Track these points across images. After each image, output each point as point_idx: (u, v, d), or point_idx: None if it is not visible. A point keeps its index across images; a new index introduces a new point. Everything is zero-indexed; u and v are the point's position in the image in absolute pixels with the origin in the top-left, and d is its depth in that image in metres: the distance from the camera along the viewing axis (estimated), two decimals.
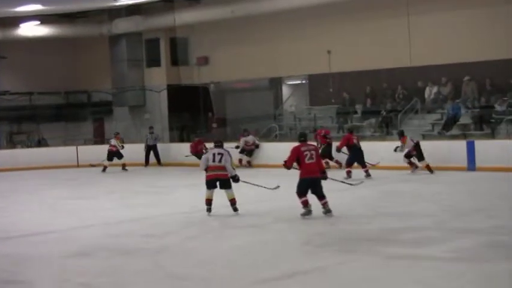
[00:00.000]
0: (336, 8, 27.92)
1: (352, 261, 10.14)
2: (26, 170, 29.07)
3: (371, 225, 12.99)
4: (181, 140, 32.21)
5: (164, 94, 33.78)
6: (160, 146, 29.96)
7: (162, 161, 29.70)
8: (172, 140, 32.42)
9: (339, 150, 22.74)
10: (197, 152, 26.29)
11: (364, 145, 22.51)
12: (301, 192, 13.85)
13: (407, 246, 10.99)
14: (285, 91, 33.31)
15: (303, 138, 14.17)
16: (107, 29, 34.11)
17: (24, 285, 9.80)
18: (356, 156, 21.65)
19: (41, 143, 35.51)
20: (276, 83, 32.77)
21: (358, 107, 28.89)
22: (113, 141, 27.74)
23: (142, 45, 34.76)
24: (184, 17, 31.56)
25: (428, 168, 21.77)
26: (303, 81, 32.02)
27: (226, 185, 14.83)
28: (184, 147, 28.12)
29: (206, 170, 15.00)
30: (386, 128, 27.17)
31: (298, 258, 10.56)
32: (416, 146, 21.96)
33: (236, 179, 14.98)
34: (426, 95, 27.06)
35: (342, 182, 17.13)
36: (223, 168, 14.81)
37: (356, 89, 28.74)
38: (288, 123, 31.24)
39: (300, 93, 32.21)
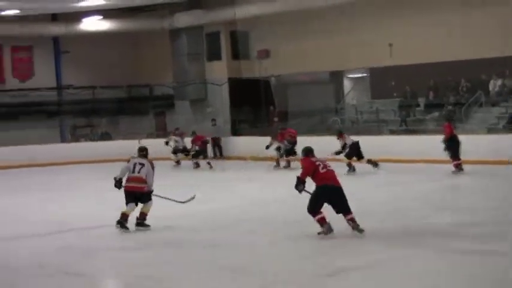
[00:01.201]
0: (397, 0, 27.64)
1: (415, 256, 10.02)
2: (89, 164, 29.35)
3: (432, 220, 12.83)
4: (243, 134, 32.15)
5: (225, 88, 33.80)
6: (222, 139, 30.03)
7: (223, 154, 29.76)
8: (233, 134, 32.39)
9: (447, 140, 20.55)
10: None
11: (428, 139, 22.23)
12: (317, 206, 11.68)
13: (472, 241, 10.82)
14: (347, 84, 33.10)
15: (311, 153, 12.31)
16: (168, 23, 34.27)
17: (85, 277, 9.90)
18: (455, 147, 20.45)
19: (103, 137, 35.89)
20: (337, 76, 32.57)
21: (421, 100, 28.53)
22: (175, 138, 27.71)
23: (203, 39, 34.82)
24: (245, 10, 31.51)
25: (371, 162, 21.78)
26: (365, 75, 31.76)
27: (143, 199, 13.36)
28: (245, 141, 28.10)
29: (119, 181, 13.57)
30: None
31: (363, 252, 10.50)
32: (354, 145, 21.92)
33: (150, 193, 13.53)
34: (490, 88, 26.61)
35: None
36: (142, 180, 13.37)
37: (418, 82, 28.37)
38: (349, 117, 31.01)
39: (362, 87, 31.98)
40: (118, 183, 13.56)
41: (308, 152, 12.31)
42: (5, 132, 33.07)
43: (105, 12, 33.44)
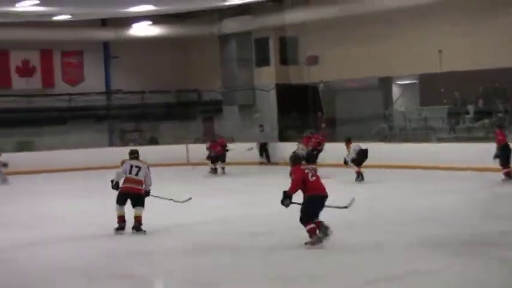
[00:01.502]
0: (447, 7, 27.42)
1: (465, 265, 9.92)
2: None
3: (481, 228, 12.69)
4: (290, 140, 32.06)
5: (273, 93, 33.80)
6: (273, 146, 30.06)
7: (271, 160, 29.77)
8: (281, 140, 32.34)
9: (500, 148, 20.23)
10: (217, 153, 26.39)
11: (477, 147, 22.00)
12: (312, 215, 11.58)
13: None
14: (395, 91, 32.87)
15: (299, 161, 12.21)
16: (216, 29, 34.42)
17: (139, 279, 9.96)
18: (506, 155, 20.19)
19: (152, 141, 36.12)
20: (385, 83, 32.34)
21: (470, 108, 28.22)
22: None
23: (251, 44, 34.90)
24: (294, 16, 31.51)
25: (358, 173, 21.73)
26: (414, 81, 31.52)
27: (138, 201, 13.55)
28: (292, 147, 27.99)
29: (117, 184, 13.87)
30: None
31: (412, 260, 10.41)
32: (362, 152, 21.93)
33: (147, 192, 13.87)
34: None
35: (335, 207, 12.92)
36: (139, 182, 13.65)
37: (468, 89, 28.03)
38: (398, 124, 30.79)
39: (410, 93, 31.70)
40: (116, 186, 13.79)
41: (296, 159, 12.18)
42: (55, 136, 33.46)
43: (155, 18, 33.70)
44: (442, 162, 23.72)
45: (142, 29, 34.74)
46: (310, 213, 11.54)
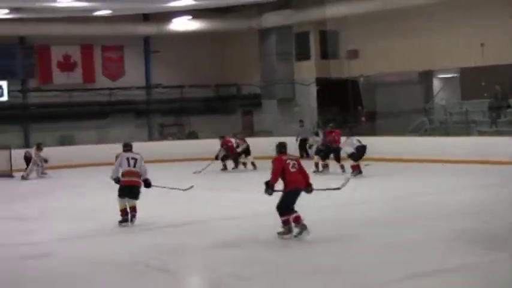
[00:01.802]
0: (490, 0, 27.13)
1: (500, 261, 9.80)
2: (176, 162, 29.65)
3: None
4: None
5: (313, 87, 33.71)
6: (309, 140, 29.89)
7: (310, 154, 29.66)
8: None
9: None
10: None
11: None
12: (287, 207, 11.95)
13: None
14: (436, 84, 32.60)
15: (283, 148, 12.37)
16: (256, 23, 34.39)
17: (175, 274, 9.98)
18: None
19: (191, 135, 36.21)
20: (426, 76, 32.09)
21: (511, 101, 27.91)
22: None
23: (292, 38, 34.82)
24: (335, 9, 31.38)
25: (355, 167, 21.76)
26: (455, 75, 31.23)
27: (135, 193, 14.00)
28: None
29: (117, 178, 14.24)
30: None
31: (448, 255, 10.28)
32: (360, 148, 22.03)
33: (148, 182, 14.27)
34: None
35: (326, 189, 13.70)
36: (137, 174, 14.09)
37: (509, 83, 27.77)
38: (438, 117, 30.53)
39: (451, 87, 31.42)
40: (117, 180, 14.17)
41: (281, 147, 12.37)
42: (95, 130, 33.74)
43: (195, 13, 33.76)
44: (482, 156, 23.48)
45: (182, 24, 34.82)
46: (286, 205, 11.91)
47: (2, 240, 13.05)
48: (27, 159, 26.22)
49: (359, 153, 22.10)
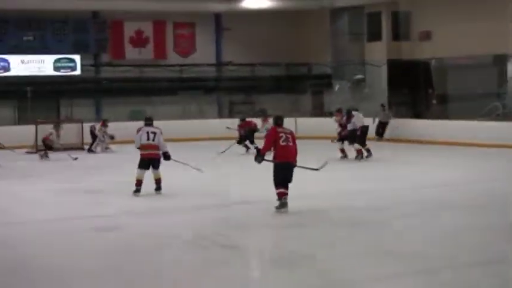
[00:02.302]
0: None
1: None
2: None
3: None
4: (400, 116, 31.64)
5: (385, 69, 33.38)
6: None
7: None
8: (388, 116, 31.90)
9: None
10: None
11: None
12: (281, 180, 12.57)
13: None
14: (510, 69, 31.97)
15: (279, 121, 12.97)
16: (328, 2, 34.15)
17: (238, 250, 10.01)
18: None
19: (260, 114, 36.16)
20: (500, 60, 31.48)
21: None
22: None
23: (363, 19, 34.50)
24: None
25: (359, 152, 21.29)
26: None
27: (156, 165, 15.03)
28: (403, 123, 27.68)
29: (140, 148, 15.18)
30: None
31: (508, 243, 10.18)
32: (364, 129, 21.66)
33: (167, 155, 15.19)
34: None
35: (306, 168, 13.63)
36: (157, 147, 15.00)
37: None
38: (511, 102, 29.98)
39: None
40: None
41: (277, 120, 13.00)
42: (165, 106, 33.95)
43: None
44: None
45: (254, 1, 34.75)
46: (279, 178, 12.55)
47: (74, 212, 13.27)
48: (92, 133, 26.64)
49: (362, 135, 21.61)
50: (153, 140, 14.99)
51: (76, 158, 23.10)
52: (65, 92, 33.17)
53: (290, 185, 12.55)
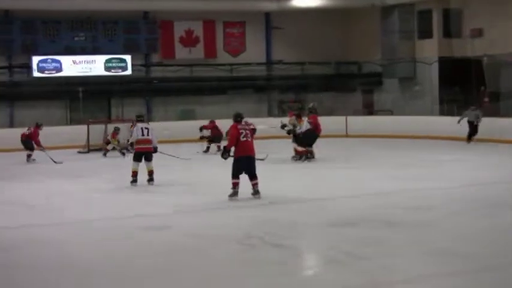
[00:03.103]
0: None
1: None
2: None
3: None
4: (451, 114, 31.31)
5: (435, 66, 33.07)
6: (428, 120, 29.35)
7: (431, 134, 29.07)
8: (442, 113, 31.64)
9: None
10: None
11: None
12: (237, 173, 13.98)
13: None
14: None
15: (239, 118, 14.22)
16: (379, 0, 33.95)
17: (289, 249, 9.98)
18: None
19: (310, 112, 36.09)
20: None
21: None
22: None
23: (414, 16, 34.24)
24: None
25: (303, 152, 21.05)
26: None
27: (149, 158, 16.69)
28: (452, 121, 27.36)
29: (134, 143, 16.91)
30: None
31: None
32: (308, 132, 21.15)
33: (155, 149, 16.83)
34: None
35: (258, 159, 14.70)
36: (150, 141, 16.66)
37: None
38: None
39: None
40: (131, 145, 17.33)
41: (237, 117, 14.23)
42: (215, 105, 34.04)
43: None
44: None
45: (304, 0, 34.71)
46: (235, 170, 13.95)
47: (124, 212, 13.36)
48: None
49: (306, 138, 21.32)
50: (147, 134, 16.64)
51: (61, 162, 22.76)
52: (115, 92, 33.50)
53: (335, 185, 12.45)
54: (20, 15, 32.84)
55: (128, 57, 33.91)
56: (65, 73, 32.80)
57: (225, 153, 14.27)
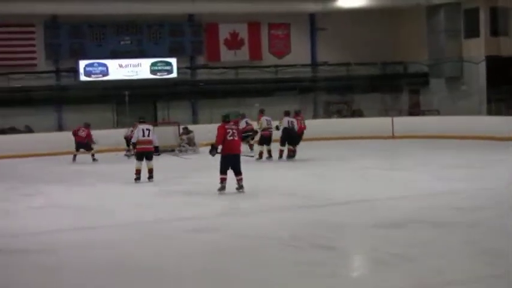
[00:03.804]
0: None
1: None
2: (340, 140, 29.44)
3: None
4: (499, 114, 30.96)
5: (482, 66, 32.72)
6: (476, 120, 29.04)
7: (478, 134, 28.74)
8: (489, 113, 31.30)
9: None
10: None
11: None
12: (225, 169, 15.22)
13: None
14: None
15: (227, 118, 15.71)
16: (424, 0, 33.71)
17: (335, 251, 9.95)
18: None
19: (356, 113, 36.03)
20: None
21: None
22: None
23: (460, 15, 33.92)
24: None
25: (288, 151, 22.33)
26: None
27: (149, 157, 18.05)
28: (501, 121, 27.07)
29: (136, 143, 18.05)
30: None
31: None
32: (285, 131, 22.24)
33: (157, 149, 18.42)
34: None
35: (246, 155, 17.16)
36: (151, 142, 18.03)
37: None
38: None
39: None
40: (134, 145, 18.28)
41: (225, 118, 15.74)
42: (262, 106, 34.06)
43: None
44: None
45: (349, 1, 34.59)
46: (222, 167, 15.26)
47: (173, 214, 13.44)
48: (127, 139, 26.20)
49: (284, 136, 22.37)
50: (148, 135, 17.96)
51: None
52: (161, 95, 33.67)
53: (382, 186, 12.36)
54: (67, 20, 33.20)
55: (173, 60, 34.09)
56: (111, 77, 33.09)
57: (212, 150, 15.49)
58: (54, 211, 14.43)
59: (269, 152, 22.86)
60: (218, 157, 15.24)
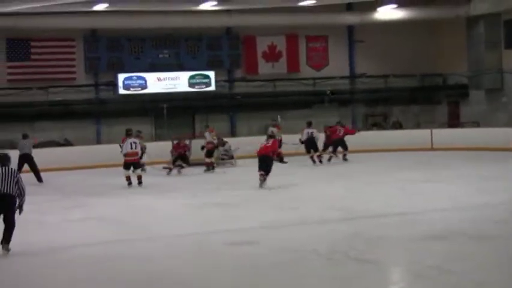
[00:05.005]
0: None
1: None
2: (378, 152, 29.16)
3: None
4: None
5: None
6: None
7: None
8: None
9: None
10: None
11: None
12: (259, 168, 18.63)
13: None
14: None
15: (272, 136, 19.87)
16: (464, 11, 33.45)
17: (373, 264, 9.85)
18: None
19: (395, 125, 35.83)
20: None
21: None
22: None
23: (500, 26, 33.60)
24: None
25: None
26: None
27: (136, 166, 20.79)
28: None
29: (124, 155, 20.53)
30: None
31: None
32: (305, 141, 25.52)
33: (140, 158, 21.75)
34: None
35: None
36: (137, 153, 20.85)
37: None
38: None
39: None
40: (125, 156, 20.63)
41: (270, 136, 19.89)
42: (298, 120, 33.89)
43: (400, 1, 33.39)
44: None
45: (387, 13, 34.43)
46: (259, 166, 18.71)
47: (210, 226, 13.41)
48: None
49: (307, 145, 25.61)
50: (135, 148, 20.60)
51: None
52: (199, 108, 33.72)
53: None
54: (106, 33, 33.44)
55: (211, 73, 34.18)
56: (149, 90, 33.24)
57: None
58: (91, 224, 14.51)
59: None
60: (254, 170, 15.25)
